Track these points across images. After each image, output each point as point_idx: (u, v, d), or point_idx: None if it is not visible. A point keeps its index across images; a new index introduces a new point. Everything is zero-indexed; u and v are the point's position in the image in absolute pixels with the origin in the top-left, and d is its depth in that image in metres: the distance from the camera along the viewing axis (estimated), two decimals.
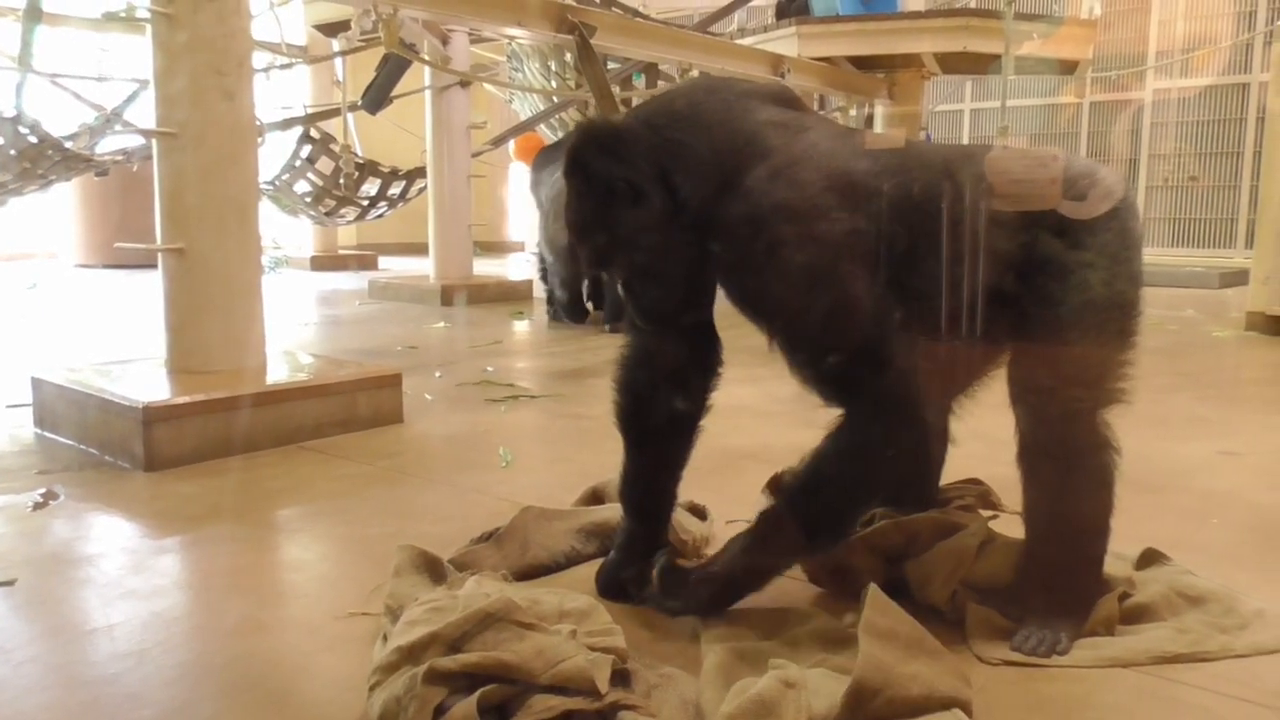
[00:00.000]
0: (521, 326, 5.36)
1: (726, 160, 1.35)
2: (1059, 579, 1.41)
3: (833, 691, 1.12)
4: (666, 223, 1.37)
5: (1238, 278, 7.38)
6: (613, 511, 1.74)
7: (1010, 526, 1.64)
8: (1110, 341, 1.41)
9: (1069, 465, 1.41)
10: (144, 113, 5.54)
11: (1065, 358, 1.39)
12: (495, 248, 11.90)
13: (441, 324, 5.23)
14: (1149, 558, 1.60)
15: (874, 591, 1.23)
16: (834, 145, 1.39)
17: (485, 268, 7.76)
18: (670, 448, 1.58)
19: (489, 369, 3.77)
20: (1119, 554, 1.56)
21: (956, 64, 6.74)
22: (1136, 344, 1.43)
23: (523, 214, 9.01)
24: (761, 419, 2.89)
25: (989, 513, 1.75)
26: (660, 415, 1.55)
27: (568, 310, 5.31)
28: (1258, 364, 4.17)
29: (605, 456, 2.33)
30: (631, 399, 1.57)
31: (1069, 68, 6.71)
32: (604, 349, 4.21)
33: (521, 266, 8.44)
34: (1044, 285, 1.39)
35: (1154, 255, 8.99)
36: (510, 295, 6.49)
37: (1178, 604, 1.44)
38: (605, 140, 1.40)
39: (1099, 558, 1.45)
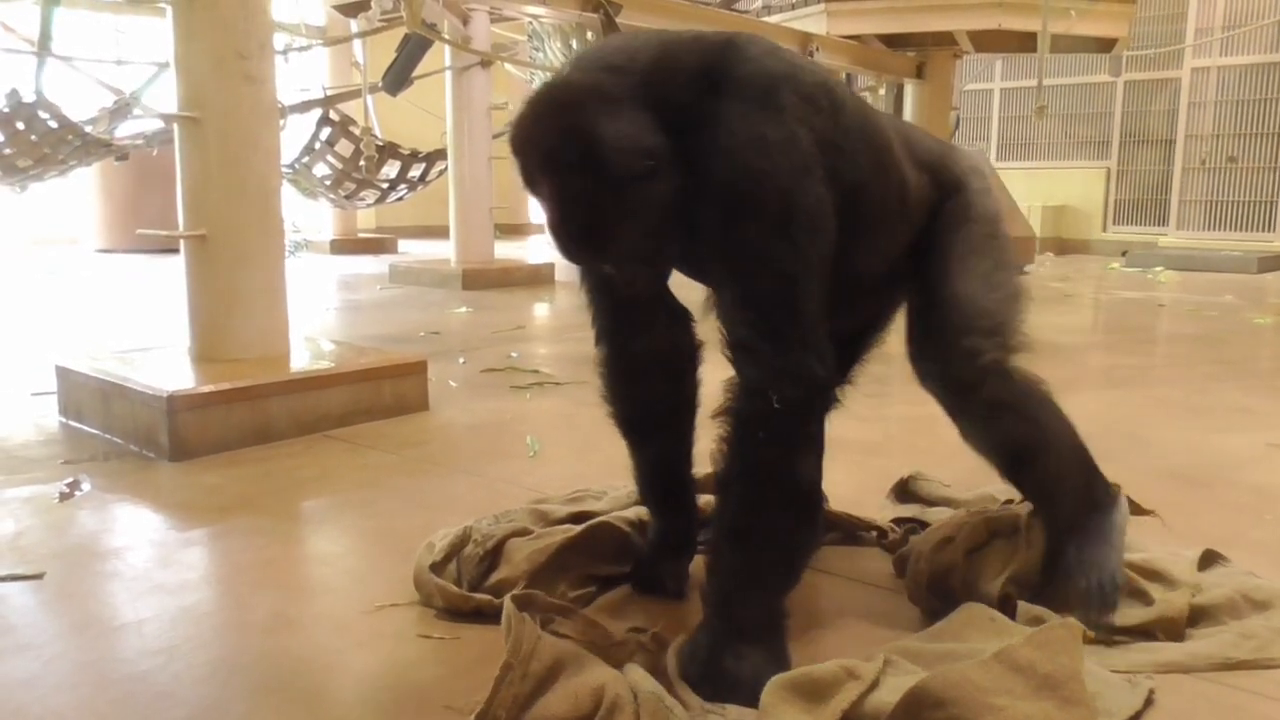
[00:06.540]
0: (544, 311, 5.32)
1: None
2: (1070, 503, 1.43)
3: (903, 688, 1.07)
4: (678, 187, 1.16)
5: (1277, 262, 7.23)
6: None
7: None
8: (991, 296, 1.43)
9: (1013, 413, 1.39)
10: (163, 96, 5.52)
11: (954, 320, 1.39)
12: (516, 230, 11.86)
13: (463, 309, 5.19)
14: (1209, 558, 1.54)
15: (1057, 629, 1.14)
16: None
17: (506, 251, 7.71)
18: (674, 439, 1.52)
19: (513, 354, 3.74)
20: (1177, 552, 1.50)
21: (990, 42, 6.61)
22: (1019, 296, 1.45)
23: None
24: None
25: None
26: (655, 411, 1.50)
27: None
28: None
29: None
30: (622, 404, 1.51)
31: (1106, 46, 6.56)
32: None
33: (543, 249, 8.40)
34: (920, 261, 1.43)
35: (1190, 239, 8.83)
36: (532, 279, 6.44)
37: (1242, 607, 1.38)
38: (595, 102, 1.10)
39: (1092, 467, 1.49)
